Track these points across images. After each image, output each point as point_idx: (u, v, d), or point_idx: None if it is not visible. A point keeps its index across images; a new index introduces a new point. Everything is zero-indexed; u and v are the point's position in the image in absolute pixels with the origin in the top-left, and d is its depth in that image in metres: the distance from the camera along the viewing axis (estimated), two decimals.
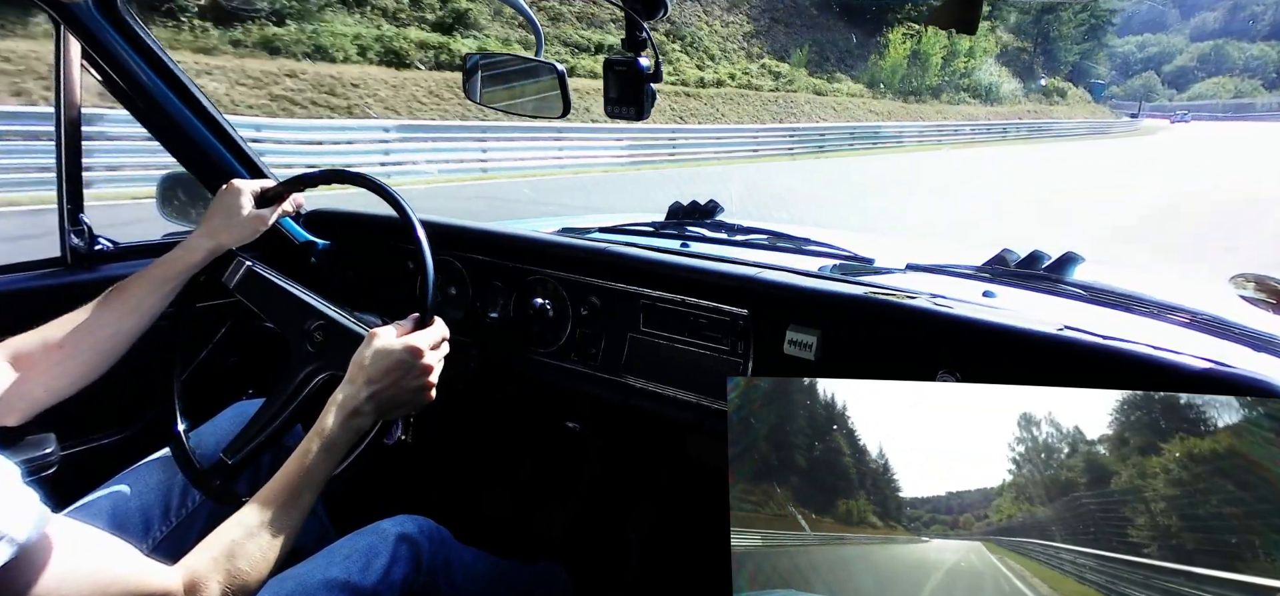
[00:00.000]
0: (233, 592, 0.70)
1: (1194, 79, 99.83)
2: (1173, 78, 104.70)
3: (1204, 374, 0.78)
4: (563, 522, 1.54)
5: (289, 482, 0.79)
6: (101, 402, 0.95)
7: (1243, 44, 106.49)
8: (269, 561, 0.74)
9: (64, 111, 1.12)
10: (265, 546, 0.74)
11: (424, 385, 0.90)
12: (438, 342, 0.93)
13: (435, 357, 0.92)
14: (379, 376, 0.87)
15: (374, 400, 0.86)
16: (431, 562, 0.97)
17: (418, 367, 0.89)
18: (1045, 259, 1.19)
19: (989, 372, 0.88)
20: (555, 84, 1.11)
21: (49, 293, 1.14)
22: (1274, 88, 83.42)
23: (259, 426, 1.00)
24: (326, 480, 0.82)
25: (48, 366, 0.90)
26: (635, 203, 8.41)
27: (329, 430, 0.82)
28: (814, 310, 1.04)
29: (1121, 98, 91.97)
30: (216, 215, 1.06)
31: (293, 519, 0.77)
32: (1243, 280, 1.09)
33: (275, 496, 0.78)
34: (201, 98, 1.28)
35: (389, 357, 0.87)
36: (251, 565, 0.72)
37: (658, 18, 0.93)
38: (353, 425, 0.84)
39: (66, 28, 1.10)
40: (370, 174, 1.07)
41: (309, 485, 0.80)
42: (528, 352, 1.29)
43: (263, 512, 0.76)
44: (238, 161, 1.35)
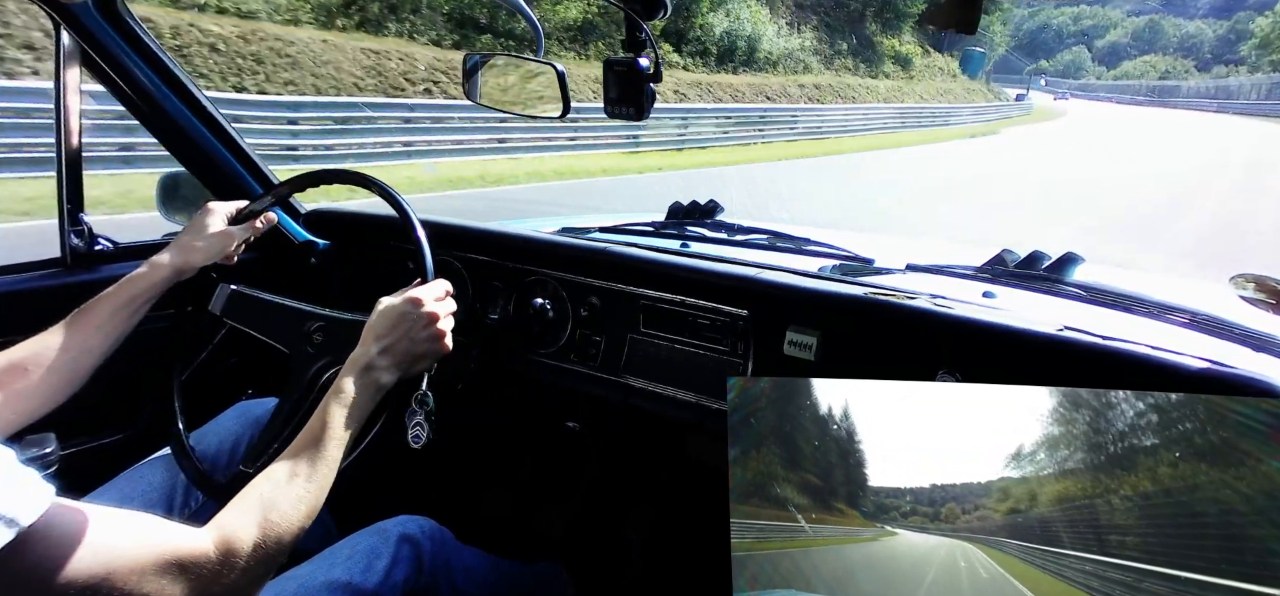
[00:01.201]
0: (267, 545, 0.67)
1: (1126, 55, 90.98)
2: (1104, 54, 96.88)
3: (1204, 374, 0.78)
4: (563, 523, 1.54)
5: (313, 437, 0.77)
6: (101, 402, 0.95)
7: (1179, 21, 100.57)
8: (301, 513, 0.72)
9: (64, 111, 1.12)
10: (297, 497, 0.72)
11: (435, 333, 0.90)
12: (441, 295, 0.93)
13: (441, 308, 0.92)
14: (387, 330, 0.87)
15: (387, 354, 0.86)
16: (433, 564, 0.97)
17: (424, 317, 0.89)
18: (1045, 259, 1.20)
19: (989, 373, 0.88)
20: (555, 84, 1.11)
21: (49, 293, 1.14)
22: (1205, 69, 76.55)
23: (274, 431, 1.00)
24: (352, 441, 0.81)
25: (12, 390, 0.88)
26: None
27: (346, 388, 0.82)
28: (814, 310, 1.04)
29: (1051, 73, 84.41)
30: (186, 233, 1.05)
31: (321, 472, 0.76)
32: (1243, 280, 1.09)
33: (302, 451, 0.76)
34: (201, 98, 1.28)
35: (393, 312, 0.89)
36: (284, 516, 0.70)
37: (658, 18, 0.93)
38: (370, 380, 0.84)
39: (66, 28, 1.10)
40: (370, 174, 1.08)
41: (333, 440, 0.78)
42: (528, 353, 1.29)
43: (292, 466, 0.74)
44: (238, 161, 1.35)
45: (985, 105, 30.91)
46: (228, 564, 0.64)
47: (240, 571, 0.65)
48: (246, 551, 0.65)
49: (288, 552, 0.70)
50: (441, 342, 0.91)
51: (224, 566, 0.64)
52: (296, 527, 0.71)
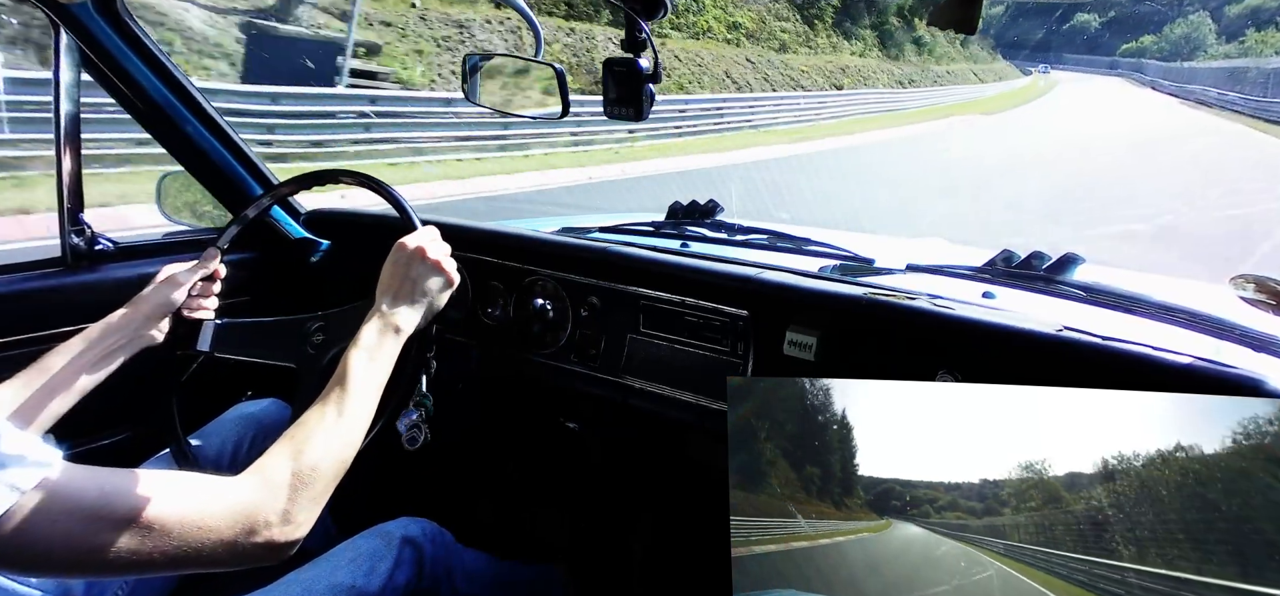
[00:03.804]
0: (306, 482, 0.67)
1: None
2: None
3: (1204, 374, 0.78)
4: (563, 523, 1.54)
5: (339, 385, 0.77)
6: (101, 403, 0.95)
7: None
8: (338, 453, 0.72)
9: (63, 112, 1.12)
10: (330, 435, 0.72)
11: (440, 271, 0.91)
12: (432, 240, 0.94)
13: (437, 250, 0.92)
14: (393, 283, 0.89)
15: (399, 301, 0.87)
16: (434, 566, 0.98)
17: (419, 255, 0.90)
18: (1045, 259, 1.19)
19: (989, 373, 0.88)
20: (554, 84, 1.11)
21: (49, 293, 1.14)
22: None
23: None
24: (377, 387, 0.81)
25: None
26: None
27: (365, 338, 0.83)
28: (814, 311, 1.04)
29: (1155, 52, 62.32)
30: (133, 306, 0.99)
31: (350, 413, 0.75)
32: (1243, 281, 1.09)
33: (329, 398, 0.76)
34: (201, 98, 1.28)
35: (390, 264, 0.91)
36: (320, 455, 0.69)
37: (658, 18, 0.93)
38: (388, 325, 0.85)
39: (65, 28, 1.10)
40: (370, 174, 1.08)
41: (358, 384, 0.78)
42: (528, 353, 1.29)
43: (320, 411, 0.74)
44: (238, 162, 1.35)
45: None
46: (269, 497, 0.65)
47: (284, 505, 0.65)
48: (285, 485, 0.66)
49: (328, 492, 0.70)
50: (448, 275, 0.92)
51: (265, 500, 0.64)
52: (334, 463, 0.71)
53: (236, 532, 0.62)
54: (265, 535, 0.63)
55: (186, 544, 0.59)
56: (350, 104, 9.26)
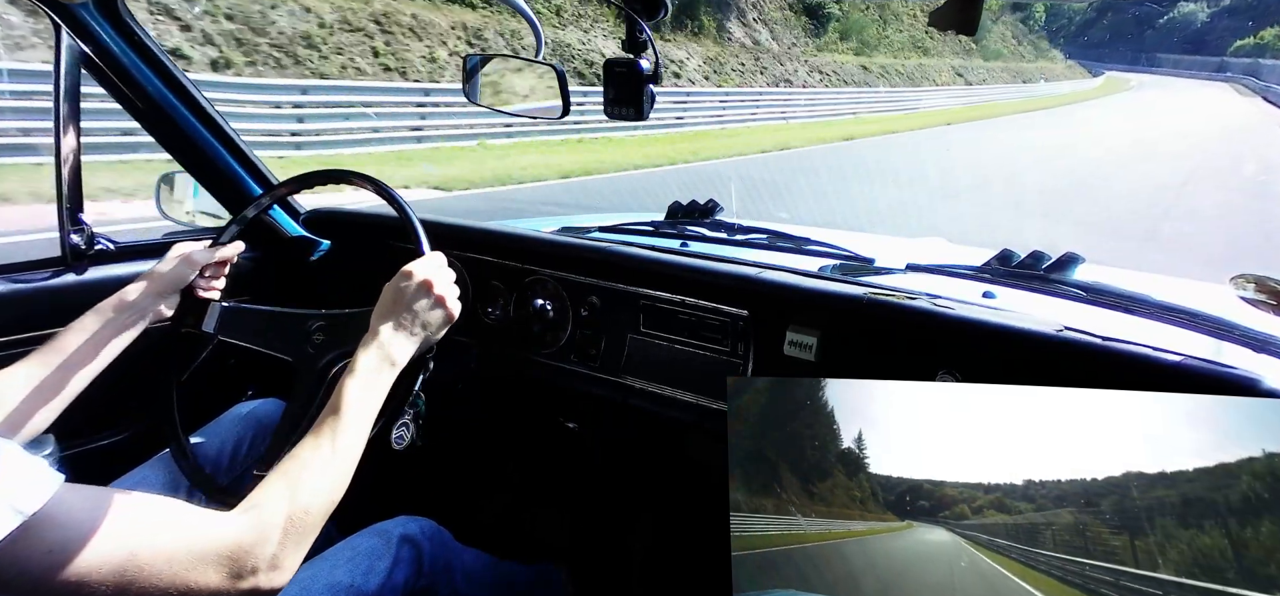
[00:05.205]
0: (298, 521, 0.67)
1: None
2: None
3: (1204, 374, 0.78)
4: (562, 523, 1.54)
5: (332, 416, 0.77)
6: (100, 403, 0.95)
7: None
8: (329, 491, 0.72)
9: (63, 111, 1.12)
10: (323, 472, 0.72)
11: (440, 302, 0.91)
12: (440, 265, 0.93)
13: (441, 276, 0.92)
14: (391, 309, 0.88)
15: (397, 329, 0.87)
16: (432, 565, 0.97)
17: (426, 286, 0.90)
18: (1045, 259, 1.19)
19: (989, 373, 0.88)
20: (554, 85, 1.11)
21: (49, 292, 1.14)
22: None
23: (284, 433, 0.99)
24: (369, 420, 0.81)
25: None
26: None
27: (359, 366, 0.83)
28: (814, 311, 1.04)
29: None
30: (147, 280, 1.00)
31: (343, 447, 0.75)
32: (1243, 280, 1.09)
33: (323, 430, 0.76)
34: (201, 99, 1.28)
35: (393, 289, 0.90)
36: (312, 492, 0.69)
37: (658, 18, 0.93)
38: (383, 356, 0.85)
39: (66, 29, 1.10)
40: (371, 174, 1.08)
41: (352, 416, 0.78)
42: (528, 353, 1.29)
43: (314, 444, 0.74)
44: (238, 163, 1.35)
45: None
46: (260, 541, 0.64)
47: (273, 550, 0.65)
48: (278, 528, 0.65)
49: (319, 528, 0.70)
50: (448, 308, 0.92)
51: (256, 544, 0.64)
52: (325, 502, 0.71)
53: (223, 577, 0.61)
54: (251, 582, 0.63)
55: (175, 583, 0.59)
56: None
